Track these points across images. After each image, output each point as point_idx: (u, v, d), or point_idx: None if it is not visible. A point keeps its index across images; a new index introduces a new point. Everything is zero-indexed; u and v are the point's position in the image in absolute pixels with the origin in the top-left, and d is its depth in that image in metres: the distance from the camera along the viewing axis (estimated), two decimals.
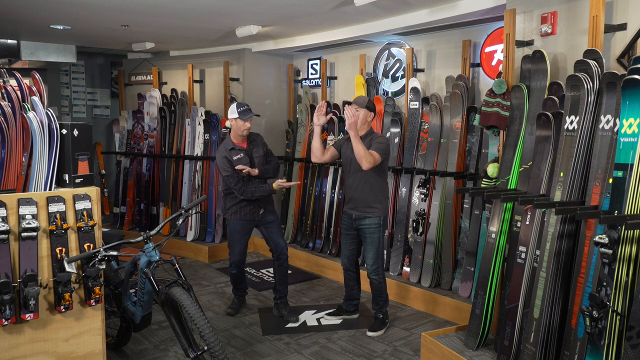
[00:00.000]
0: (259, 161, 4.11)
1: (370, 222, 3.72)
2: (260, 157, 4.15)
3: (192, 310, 2.72)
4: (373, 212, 3.72)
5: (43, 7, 4.39)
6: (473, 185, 4.14)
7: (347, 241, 3.92)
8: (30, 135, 2.84)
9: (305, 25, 5.09)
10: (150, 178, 6.60)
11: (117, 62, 7.80)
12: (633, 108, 2.39)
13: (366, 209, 3.72)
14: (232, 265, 4.21)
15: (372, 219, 3.72)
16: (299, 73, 6.49)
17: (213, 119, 6.01)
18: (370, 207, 3.72)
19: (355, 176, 3.73)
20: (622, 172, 2.39)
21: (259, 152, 4.16)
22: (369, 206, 3.72)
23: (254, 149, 4.14)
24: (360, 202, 3.73)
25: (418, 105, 4.68)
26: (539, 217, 2.96)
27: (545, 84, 3.11)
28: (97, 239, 2.84)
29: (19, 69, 6.92)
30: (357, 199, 3.74)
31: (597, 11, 2.78)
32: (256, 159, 4.12)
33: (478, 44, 4.46)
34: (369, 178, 3.70)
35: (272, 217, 4.17)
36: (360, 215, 3.74)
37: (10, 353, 2.65)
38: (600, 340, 2.41)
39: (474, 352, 3.21)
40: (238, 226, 4.11)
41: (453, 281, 4.33)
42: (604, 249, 2.39)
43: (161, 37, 5.90)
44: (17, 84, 3.05)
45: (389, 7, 4.25)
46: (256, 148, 4.15)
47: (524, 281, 2.98)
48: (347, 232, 3.90)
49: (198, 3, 4.18)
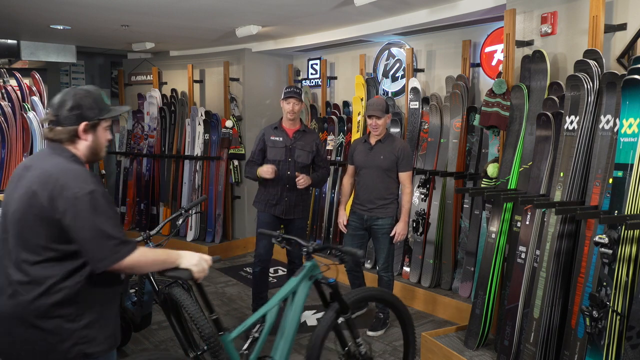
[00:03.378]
0: (299, 157, 3.74)
1: (384, 223, 3.73)
2: (303, 153, 3.75)
3: (192, 310, 2.72)
4: (387, 213, 3.74)
5: (43, 7, 4.39)
6: (473, 185, 4.14)
7: (355, 241, 3.87)
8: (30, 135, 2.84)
9: (305, 25, 5.08)
10: (150, 178, 6.60)
11: (117, 62, 7.80)
12: (633, 108, 2.39)
13: (380, 210, 3.73)
14: (256, 261, 3.81)
15: (386, 219, 3.74)
16: (299, 73, 6.49)
17: (213, 119, 6.01)
18: (384, 207, 3.74)
19: (370, 178, 3.75)
20: (622, 172, 2.39)
21: (304, 147, 3.76)
22: (384, 207, 3.73)
23: (299, 141, 3.76)
24: (374, 203, 3.74)
25: (418, 105, 4.68)
26: (539, 217, 2.95)
27: (545, 84, 3.11)
28: None
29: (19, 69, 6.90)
30: (371, 200, 3.75)
31: (597, 11, 2.78)
32: (298, 151, 3.74)
33: (478, 44, 4.46)
34: (384, 180, 3.73)
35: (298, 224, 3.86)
36: (374, 216, 3.74)
37: None
38: (600, 340, 2.41)
39: (474, 352, 3.21)
40: (266, 217, 3.78)
41: (453, 281, 4.33)
42: (604, 249, 2.39)
43: (161, 37, 5.90)
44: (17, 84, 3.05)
45: (389, 7, 4.25)
46: (302, 142, 3.77)
47: (524, 281, 2.98)
48: (355, 233, 3.87)
49: (198, 3, 4.18)
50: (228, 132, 6.02)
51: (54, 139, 1.71)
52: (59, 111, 1.69)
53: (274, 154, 3.74)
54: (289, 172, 3.74)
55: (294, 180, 3.69)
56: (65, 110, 1.68)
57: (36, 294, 1.60)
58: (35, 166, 1.69)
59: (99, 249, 1.60)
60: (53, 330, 1.62)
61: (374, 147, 3.74)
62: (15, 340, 1.64)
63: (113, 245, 1.62)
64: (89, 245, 1.60)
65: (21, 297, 1.62)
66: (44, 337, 1.63)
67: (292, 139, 3.76)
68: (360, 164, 3.80)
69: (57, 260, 1.63)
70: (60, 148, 1.71)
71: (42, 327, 1.62)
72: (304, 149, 3.77)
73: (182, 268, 1.86)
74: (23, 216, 1.64)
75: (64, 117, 1.69)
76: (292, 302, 2.40)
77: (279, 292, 2.40)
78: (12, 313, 1.63)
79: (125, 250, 1.64)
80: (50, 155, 1.70)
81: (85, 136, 1.72)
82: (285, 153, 3.73)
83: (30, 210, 1.63)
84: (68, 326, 1.63)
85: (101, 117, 1.75)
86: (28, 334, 1.63)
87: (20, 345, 1.65)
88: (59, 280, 1.62)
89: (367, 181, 3.76)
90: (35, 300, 1.61)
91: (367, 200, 3.76)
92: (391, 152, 3.70)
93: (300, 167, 3.76)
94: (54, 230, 1.62)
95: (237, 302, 4.53)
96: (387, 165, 3.70)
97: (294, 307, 2.39)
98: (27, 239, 1.64)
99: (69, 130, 1.70)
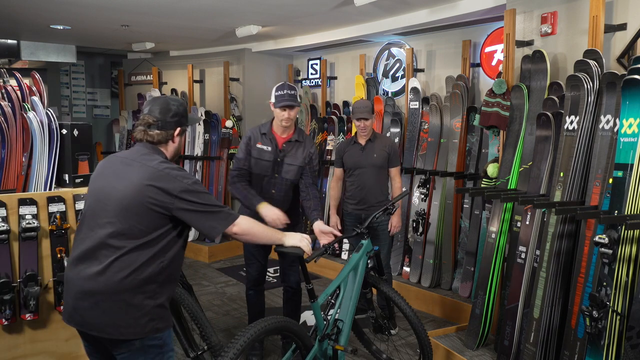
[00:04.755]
0: (287, 173, 3.12)
1: (382, 220, 3.74)
2: (292, 169, 3.11)
3: (193, 310, 2.72)
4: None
5: (43, 7, 4.39)
6: (473, 185, 4.14)
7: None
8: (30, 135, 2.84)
9: (305, 25, 5.08)
10: None
11: (117, 62, 7.80)
12: (633, 108, 2.39)
13: (377, 208, 3.72)
14: (249, 285, 3.35)
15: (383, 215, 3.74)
16: (299, 73, 6.49)
17: (213, 119, 6.01)
18: (380, 204, 3.73)
19: (366, 177, 3.76)
20: (622, 172, 2.39)
21: (294, 160, 3.12)
22: (379, 204, 3.74)
23: (289, 153, 3.12)
24: (371, 201, 3.75)
25: (418, 105, 4.68)
26: (539, 217, 2.95)
27: (545, 84, 3.11)
28: None
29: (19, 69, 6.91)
30: (367, 198, 3.76)
31: (597, 11, 2.78)
32: (286, 166, 3.11)
33: (478, 44, 4.46)
34: (379, 177, 3.77)
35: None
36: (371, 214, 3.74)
37: (10, 353, 2.65)
38: (600, 340, 2.41)
39: (474, 352, 3.21)
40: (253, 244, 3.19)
41: (453, 281, 4.33)
42: (604, 249, 2.39)
43: (161, 37, 5.90)
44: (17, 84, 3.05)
45: (389, 7, 4.25)
46: (293, 156, 3.12)
47: (524, 281, 2.98)
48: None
49: (198, 3, 4.18)
50: (228, 132, 6.03)
51: (152, 141, 1.97)
52: (163, 116, 1.96)
53: (259, 168, 3.11)
54: (273, 190, 3.13)
55: (278, 202, 3.11)
56: (168, 116, 1.96)
57: (128, 272, 1.82)
58: (138, 162, 1.92)
59: (214, 219, 1.91)
60: (137, 305, 1.83)
61: (365, 147, 3.77)
62: (102, 314, 1.83)
63: (224, 214, 1.93)
64: (204, 218, 1.89)
65: (114, 274, 1.81)
66: (128, 311, 1.83)
67: (281, 151, 3.11)
68: (354, 164, 3.81)
69: (150, 243, 1.85)
70: (156, 149, 1.98)
71: (128, 302, 1.83)
72: (294, 164, 3.12)
73: (291, 245, 2.22)
74: (131, 205, 1.85)
75: (167, 122, 1.96)
76: (355, 275, 2.85)
77: (345, 267, 2.85)
78: (103, 288, 1.81)
79: (232, 217, 1.95)
80: (150, 154, 1.95)
81: (176, 140, 2.03)
82: (271, 168, 3.10)
83: (141, 199, 1.84)
84: (148, 302, 1.85)
85: (187, 124, 2.06)
86: (116, 307, 1.82)
87: (106, 318, 1.83)
88: (148, 260, 1.85)
89: (362, 181, 3.78)
90: (127, 277, 1.81)
91: (363, 200, 3.77)
92: (383, 150, 3.76)
93: (287, 184, 3.16)
94: (158, 217, 1.85)
95: (237, 302, 4.54)
96: (381, 162, 3.75)
97: (357, 278, 2.84)
98: (132, 225, 1.84)
99: (169, 134, 1.98)
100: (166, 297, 1.93)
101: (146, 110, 1.99)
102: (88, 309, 1.83)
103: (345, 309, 2.77)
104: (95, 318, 1.83)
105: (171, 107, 1.98)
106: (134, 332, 1.84)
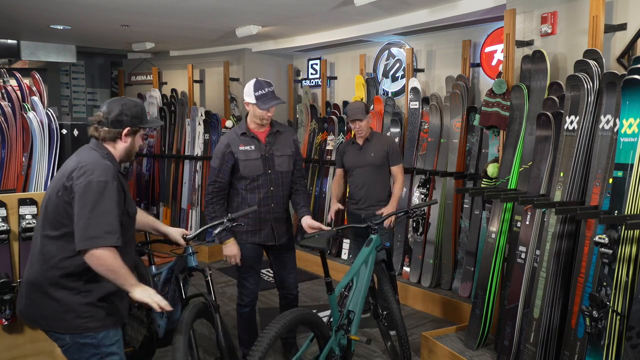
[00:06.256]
0: (280, 165, 3.01)
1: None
2: (284, 159, 3.01)
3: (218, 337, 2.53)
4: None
5: (43, 7, 4.39)
6: (473, 185, 4.14)
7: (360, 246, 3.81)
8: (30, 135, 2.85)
9: (305, 25, 5.09)
10: (150, 178, 6.61)
11: (117, 62, 7.80)
12: (633, 108, 2.39)
13: (377, 207, 3.75)
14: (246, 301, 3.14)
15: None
16: (299, 73, 6.49)
17: (213, 119, 6.01)
18: (381, 204, 3.76)
19: (364, 176, 3.78)
20: (622, 172, 2.39)
21: (283, 151, 3.01)
22: (380, 203, 3.75)
23: (276, 145, 3.00)
24: (372, 200, 3.76)
25: (418, 105, 4.68)
26: (539, 217, 2.95)
27: (545, 84, 3.11)
28: None
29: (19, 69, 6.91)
30: (368, 198, 3.77)
31: (597, 11, 2.78)
32: (277, 159, 2.99)
33: (478, 44, 4.46)
34: (378, 177, 3.78)
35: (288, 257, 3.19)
36: (372, 213, 3.75)
37: (10, 353, 2.66)
38: (600, 340, 2.41)
39: (474, 352, 3.21)
40: (249, 251, 3.11)
41: (453, 281, 4.33)
42: (604, 249, 2.39)
43: (161, 37, 5.90)
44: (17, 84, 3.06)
45: (389, 7, 4.25)
46: (280, 145, 3.02)
47: (524, 281, 2.98)
48: (356, 238, 3.88)
49: (198, 3, 4.18)
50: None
51: (98, 137, 2.01)
52: (112, 115, 1.99)
53: (249, 170, 2.95)
54: (272, 187, 3.00)
55: (279, 197, 3.04)
56: (117, 115, 1.99)
57: (48, 266, 1.88)
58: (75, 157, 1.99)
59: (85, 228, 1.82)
60: (60, 300, 1.88)
61: (363, 147, 3.80)
62: (31, 304, 1.92)
63: (100, 231, 1.82)
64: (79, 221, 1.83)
65: (38, 266, 1.90)
66: (52, 305, 1.89)
67: (266, 145, 2.98)
68: (353, 164, 3.84)
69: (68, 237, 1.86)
70: (100, 145, 2.01)
71: (51, 295, 1.88)
72: (284, 154, 3.02)
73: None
74: (51, 195, 1.92)
75: (115, 120, 1.99)
76: (366, 267, 2.95)
77: (356, 260, 2.96)
78: (31, 280, 1.92)
79: (104, 242, 1.82)
80: (90, 150, 2.00)
81: (126, 139, 2.04)
82: (263, 165, 2.96)
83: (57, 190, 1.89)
84: (74, 299, 1.89)
85: (141, 125, 2.08)
86: (40, 300, 1.90)
87: (34, 309, 1.91)
88: (67, 257, 1.87)
89: (361, 180, 3.79)
90: (47, 271, 1.88)
91: (362, 200, 3.79)
92: (381, 149, 3.76)
93: (283, 177, 3.05)
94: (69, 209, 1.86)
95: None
96: (380, 161, 3.76)
97: (367, 272, 2.95)
98: (50, 217, 1.90)
99: (116, 132, 2.01)
100: (98, 296, 1.92)
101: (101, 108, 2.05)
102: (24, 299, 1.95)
103: (356, 301, 2.86)
104: (28, 308, 1.93)
105: (123, 106, 2.01)
106: (61, 326, 1.89)
